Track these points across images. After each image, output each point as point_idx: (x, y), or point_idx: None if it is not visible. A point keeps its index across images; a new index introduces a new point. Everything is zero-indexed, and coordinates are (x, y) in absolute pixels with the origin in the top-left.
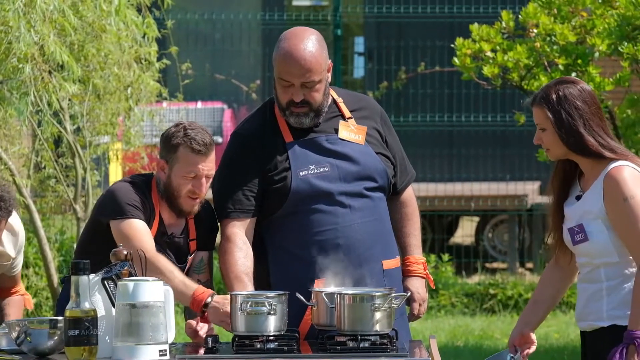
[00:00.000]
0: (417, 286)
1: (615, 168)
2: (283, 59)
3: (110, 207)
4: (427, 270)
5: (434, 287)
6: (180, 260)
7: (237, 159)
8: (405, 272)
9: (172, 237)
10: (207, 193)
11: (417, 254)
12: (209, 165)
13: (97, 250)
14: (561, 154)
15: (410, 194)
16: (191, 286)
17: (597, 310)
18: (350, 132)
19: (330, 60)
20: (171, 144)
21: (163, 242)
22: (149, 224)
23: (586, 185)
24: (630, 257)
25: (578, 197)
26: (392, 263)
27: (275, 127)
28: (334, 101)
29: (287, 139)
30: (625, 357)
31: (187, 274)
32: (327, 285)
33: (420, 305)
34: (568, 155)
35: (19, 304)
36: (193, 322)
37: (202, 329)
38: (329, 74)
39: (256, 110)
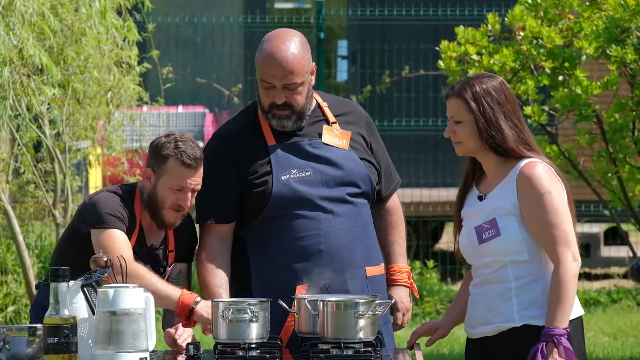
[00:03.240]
0: (401, 295)
1: (529, 164)
2: (265, 60)
3: (92, 216)
4: (411, 279)
5: (419, 296)
6: (157, 272)
7: (217, 161)
8: (390, 281)
9: (151, 248)
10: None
11: (401, 262)
12: (196, 180)
13: (74, 257)
14: (474, 149)
15: (396, 202)
16: (177, 290)
17: (507, 311)
18: (334, 136)
19: (313, 63)
20: (161, 154)
21: (142, 253)
22: (129, 235)
23: (489, 186)
24: (539, 256)
25: (480, 197)
26: (375, 270)
27: (257, 130)
28: (318, 105)
29: (269, 142)
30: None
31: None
32: (309, 292)
33: (404, 314)
34: (478, 152)
35: None
36: (172, 331)
37: (181, 337)
38: (313, 77)
39: (239, 113)
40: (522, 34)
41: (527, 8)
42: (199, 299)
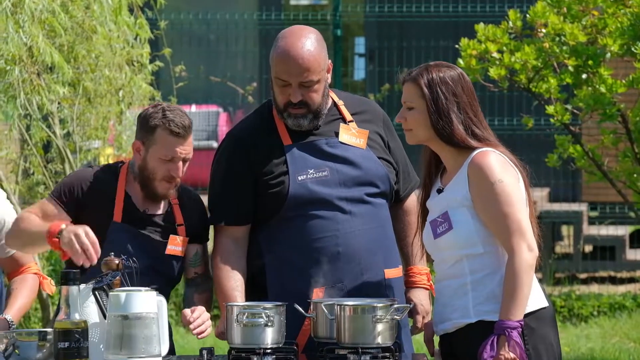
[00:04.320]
0: (421, 298)
1: (479, 154)
2: (280, 57)
3: (55, 186)
4: (431, 281)
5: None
6: (164, 237)
7: (231, 161)
8: (408, 283)
9: (144, 213)
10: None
11: (420, 264)
12: (186, 149)
13: None
14: (424, 138)
15: (414, 202)
16: (48, 223)
17: (463, 306)
18: (351, 135)
19: (330, 61)
20: (149, 125)
21: (135, 219)
22: (109, 209)
23: (448, 178)
24: (495, 248)
25: (439, 190)
26: (394, 272)
27: (272, 130)
28: (335, 104)
29: (285, 141)
30: (496, 348)
31: (184, 268)
32: (326, 295)
33: (423, 317)
34: (429, 141)
35: (27, 281)
36: (188, 312)
37: (196, 320)
38: (329, 75)
39: (253, 112)
40: (544, 31)
41: (550, 4)
42: (64, 226)
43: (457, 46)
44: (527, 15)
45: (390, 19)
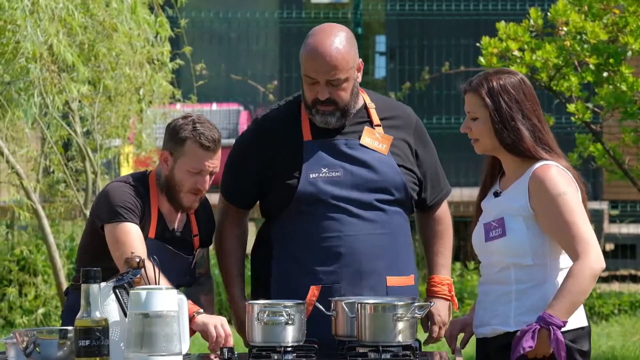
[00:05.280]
0: (439, 308)
1: (542, 167)
2: (308, 55)
3: (104, 210)
4: (452, 292)
5: (457, 309)
6: (187, 254)
7: (246, 145)
8: (429, 292)
9: (173, 232)
10: None
11: (443, 273)
12: (215, 163)
13: (97, 250)
14: (490, 147)
15: (445, 211)
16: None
17: (504, 314)
18: (374, 139)
19: (360, 60)
20: (178, 136)
21: (167, 238)
22: (147, 223)
23: (506, 184)
24: (544, 262)
25: (496, 194)
26: (399, 280)
27: (296, 124)
28: (365, 106)
29: (305, 137)
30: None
31: (192, 269)
32: (321, 294)
33: (440, 328)
34: (496, 151)
35: None
36: (213, 334)
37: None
38: (359, 74)
39: (285, 102)
40: (565, 29)
41: (571, 2)
42: (201, 310)
43: (478, 44)
44: (548, 14)
45: (411, 17)
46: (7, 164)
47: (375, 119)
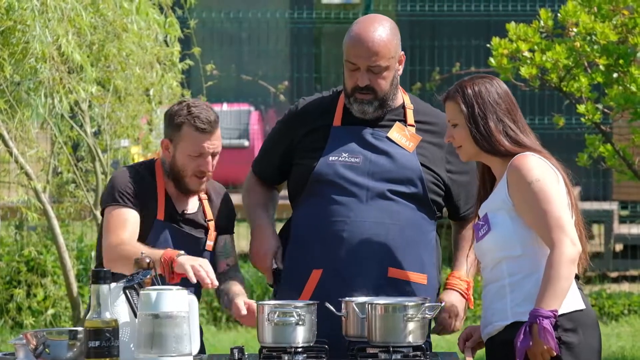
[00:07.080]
0: (453, 299)
1: (518, 157)
2: (351, 40)
3: (106, 195)
4: (470, 291)
5: (472, 307)
6: (198, 238)
7: (284, 123)
8: (446, 285)
9: (183, 214)
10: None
11: (463, 271)
12: (214, 144)
13: None
14: (473, 153)
15: None
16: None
17: (501, 309)
18: (402, 136)
19: (402, 52)
20: (175, 122)
21: (177, 220)
22: (151, 206)
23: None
24: (533, 250)
25: None
26: (404, 274)
27: (331, 109)
28: (404, 105)
29: (335, 122)
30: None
31: (215, 260)
32: (322, 278)
33: (450, 317)
34: (479, 156)
35: None
36: (241, 304)
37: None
38: (400, 67)
39: (331, 91)
40: (575, 30)
41: (581, 4)
42: (182, 252)
43: (488, 45)
44: (558, 15)
45: (421, 18)
46: (17, 164)
47: (410, 119)
